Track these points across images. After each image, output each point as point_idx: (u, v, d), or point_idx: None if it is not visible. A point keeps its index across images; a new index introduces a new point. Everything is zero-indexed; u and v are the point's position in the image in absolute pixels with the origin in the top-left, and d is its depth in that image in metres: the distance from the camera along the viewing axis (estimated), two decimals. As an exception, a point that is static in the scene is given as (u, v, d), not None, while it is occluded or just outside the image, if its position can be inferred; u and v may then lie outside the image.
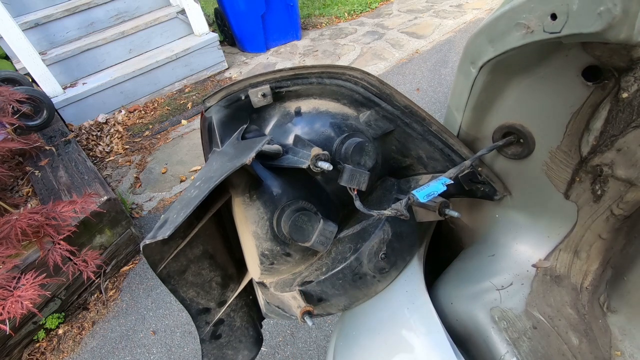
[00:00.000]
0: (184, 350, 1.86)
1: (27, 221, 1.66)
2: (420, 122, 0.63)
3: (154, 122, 3.46)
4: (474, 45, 0.53)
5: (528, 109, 0.56)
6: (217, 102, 0.59)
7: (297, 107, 0.63)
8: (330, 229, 0.55)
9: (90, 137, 3.25)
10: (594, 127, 0.50)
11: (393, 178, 0.70)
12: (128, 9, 3.74)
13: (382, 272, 0.62)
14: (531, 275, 0.64)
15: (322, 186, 0.63)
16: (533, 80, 0.53)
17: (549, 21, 0.40)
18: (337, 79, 0.60)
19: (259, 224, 0.56)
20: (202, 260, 0.62)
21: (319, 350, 1.76)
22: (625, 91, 0.44)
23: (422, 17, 4.55)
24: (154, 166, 2.99)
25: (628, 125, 0.46)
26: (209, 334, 0.66)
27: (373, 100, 0.61)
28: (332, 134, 0.61)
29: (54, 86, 3.20)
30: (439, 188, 0.54)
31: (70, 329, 2.02)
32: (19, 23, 3.01)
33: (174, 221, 0.44)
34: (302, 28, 4.60)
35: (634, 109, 0.44)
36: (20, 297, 1.52)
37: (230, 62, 4.14)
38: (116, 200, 2.19)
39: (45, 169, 2.47)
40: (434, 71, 3.52)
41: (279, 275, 0.64)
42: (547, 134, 0.56)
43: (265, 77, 0.59)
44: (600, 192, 0.55)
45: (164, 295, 2.10)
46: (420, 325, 0.59)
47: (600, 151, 0.50)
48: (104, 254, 2.14)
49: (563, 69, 0.49)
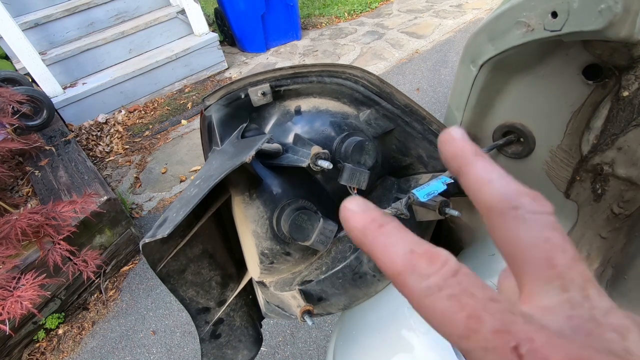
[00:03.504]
0: (183, 350, 1.86)
1: (27, 221, 1.66)
2: (421, 121, 0.63)
3: (154, 122, 3.46)
4: (474, 44, 0.53)
5: (528, 108, 0.56)
6: (217, 101, 0.59)
7: (297, 105, 0.63)
8: (330, 228, 0.55)
9: (90, 137, 3.25)
10: (594, 125, 0.50)
11: (393, 177, 0.69)
12: (128, 9, 3.74)
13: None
14: (531, 274, 0.64)
15: (322, 185, 0.62)
16: (533, 79, 0.53)
17: (550, 19, 0.40)
18: (337, 78, 0.60)
19: (258, 223, 0.56)
20: (202, 260, 0.62)
21: (319, 350, 1.76)
22: (625, 89, 0.44)
23: (422, 17, 4.55)
24: (154, 166, 2.99)
25: (629, 124, 0.46)
26: (208, 333, 0.66)
27: (373, 99, 0.61)
28: (332, 132, 0.61)
29: (54, 86, 3.19)
30: (439, 187, 0.54)
31: (70, 329, 2.02)
32: (19, 23, 3.01)
33: (173, 220, 0.44)
34: (302, 28, 4.60)
35: (635, 107, 0.44)
36: (20, 297, 1.52)
37: (230, 62, 4.14)
38: (116, 200, 2.19)
39: (45, 169, 2.47)
40: (434, 71, 3.52)
41: (279, 275, 0.64)
42: (548, 133, 0.56)
43: (265, 76, 0.59)
44: (600, 191, 0.55)
45: (164, 295, 2.09)
46: (420, 325, 0.59)
47: (600, 150, 0.50)
48: (103, 254, 2.14)
49: (563, 67, 0.49)
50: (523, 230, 0.15)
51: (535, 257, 0.14)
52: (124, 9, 3.72)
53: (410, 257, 0.14)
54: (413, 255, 0.14)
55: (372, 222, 0.16)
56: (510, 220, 0.15)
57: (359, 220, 0.16)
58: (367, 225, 0.16)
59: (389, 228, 0.15)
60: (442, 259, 0.14)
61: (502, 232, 0.15)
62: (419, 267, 0.14)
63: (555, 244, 0.14)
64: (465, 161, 0.17)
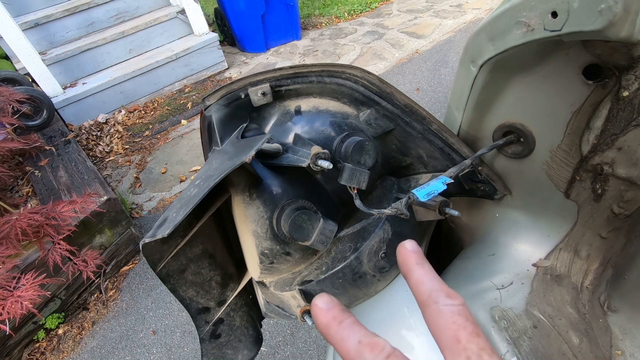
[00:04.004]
0: (183, 350, 1.86)
1: (27, 221, 1.66)
2: (421, 121, 0.63)
3: (154, 122, 3.46)
4: (474, 44, 0.53)
5: (528, 107, 0.56)
6: (217, 101, 0.59)
7: (297, 105, 0.63)
8: (330, 228, 0.55)
9: (90, 137, 3.25)
10: (594, 125, 0.50)
11: (393, 177, 0.69)
12: (128, 9, 3.74)
13: (382, 271, 0.62)
14: (531, 274, 0.64)
15: (322, 185, 0.62)
16: (533, 79, 0.53)
17: (550, 19, 0.39)
18: (337, 78, 0.60)
19: (258, 223, 0.56)
20: (202, 260, 0.62)
21: (319, 350, 1.76)
22: (625, 89, 0.44)
23: (422, 17, 4.55)
24: (154, 166, 2.99)
25: (629, 124, 0.46)
26: (208, 333, 0.66)
27: (373, 99, 0.61)
28: (332, 132, 0.61)
29: (53, 86, 3.20)
30: (439, 187, 0.54)
31: (70, 329, 2.02)
32: (19, 23, 3.01)
33: (173, 220, 0.44)
34: (302, 28, 4.60)
35: (635, 107, 0.44)
36: (20, 297, 1.52)
37: (230, 62, 4.15)
38: (116, 200, 2.19)
39: (45, 169, 2.47)
40: (434, 71, 3.52)
41: (279, 275, 0.64)
42: (548, 133, 0.56)
43: (265, 76, 0.59)
44: (600, 191, 0.55)
45: (164, 295, 2.09)
46: (420, 325, 0.59)
47: (600, 150, 0.50)
48: (103, 254, 2.14)
49: (563, 67, 0.49)
50: (440, 317, 0.21)
51: (447, 336, 0.20)
52: (124, 9, 3.72)
53: (358, 346, 0.20)
54: (361, 344, 0.20)
55: (333, 319, 0.21)
56: (433, 311, 0.21)
57: (324, 317, 0.22)
58: (329, 322, 0.21)
59: (345, 324, 0.21)
60: (380, 346, 0.20)
61: (430, 319, 0.21)
62: (364, 354, 0.19)
63: (460, 325, 0.20)
64: (409, 268, 0.23)
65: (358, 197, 0.56)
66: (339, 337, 0.21)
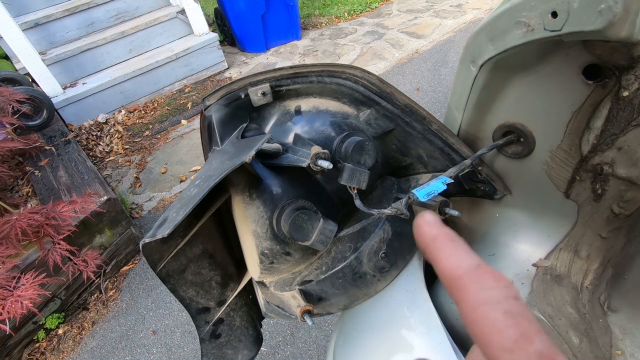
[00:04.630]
0: (183, 350, 1.86)
1: (27, 221, 1.66)
2: (421, 121, 0.63)
3: (154, 122, 3.46)
4: (474, 44, 0.53)
5: (528, 107, 0.56)
6: (217, 101, 0.59)
7: (297, 105, 0.63)
8: (330, 228, 0.55)
9: (90, 137, 3.25)
10: (594, 125, 0.50)
11: (393, 177, 0.69)
12: (128, 9, 3.74)
13: (382, 271, 0.62)
14: (531, 274, 0.64)
15: (322, 185, 0.62)
16: (533, 79, 0.53)
17: (550, 19, 0.39)
18: (337, 78, 0.60)
19: (258, 223, 0.56)
20: (202, 260, 0.62)
21: (319, 350, 1.76)
22: (625, 89, 0.44)
23: (422, 17, 4.55)
24: (154, 166, 2.99)
25: (629, 124, 0.46)
26: (208, 333, 0.66)
27: (373, 99, 0.61)
28: (332, 132, 0.61)
29: (53, 86, 3.20)
30: (439, 187, 0.54)
31: (70, 329, 2.02)
32: (19, 23, 3.01)
33: (173, 220, 0.44)
34: (302, 28, 4.60)
35: (635, 107, 0.44)
36: (20, 297, 1.52)
37: (230, 62, 4.15)
38: (116, 200, 2.19)
39: (45, 169, 2.47)
40: (434, 71, 3.52)
41: (279, 275, 0.64)
42: (548, 133, 0.56)
43: (265, 76, 0.59)
44: (600, 191, 0.55)
45: (164, 295, 2.10)
46: (420, 325, 0.59)
47: (600, 150, 0.50)
48: (103, 253, 2.14)
49: (563, 67, 0.49)
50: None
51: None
52: (124, 9, 3.72)
53: (477, 269, 0.16)
54: (480, 269, 0.16)
55: (445, 235, 0.19)
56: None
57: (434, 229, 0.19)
58: (440, 235, 0.18)
59: (459, 242, 0.18)
60: (507, 281, 0.16)
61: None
62: (484, 279, 0.16)
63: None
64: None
65: (358, 197, 0.56)
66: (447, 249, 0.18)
